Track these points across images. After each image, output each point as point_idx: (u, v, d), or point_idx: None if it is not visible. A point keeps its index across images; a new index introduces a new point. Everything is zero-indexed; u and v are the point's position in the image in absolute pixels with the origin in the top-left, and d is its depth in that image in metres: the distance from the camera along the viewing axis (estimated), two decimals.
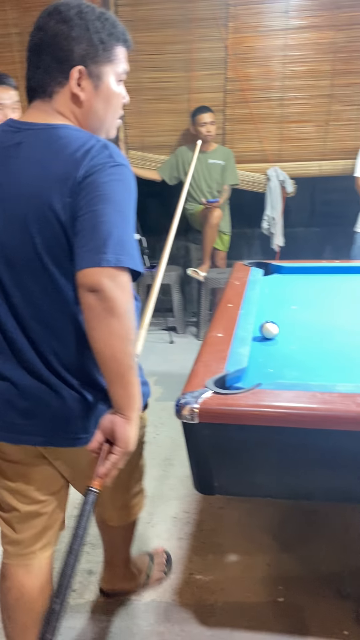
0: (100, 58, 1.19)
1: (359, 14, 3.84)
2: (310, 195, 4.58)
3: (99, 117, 1.24)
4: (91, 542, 2.14)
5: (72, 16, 1.16)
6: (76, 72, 1.17)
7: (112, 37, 1.20)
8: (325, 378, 1.51)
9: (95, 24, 1.18)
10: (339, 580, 1.88)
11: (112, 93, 1.24)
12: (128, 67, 1.27)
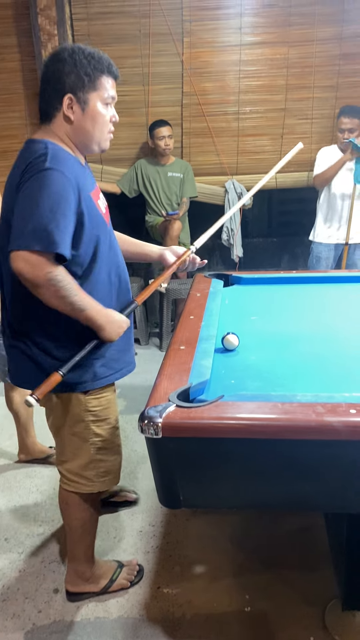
0: (87, 87, 1.55)
1: (310, 32, 3.96)
2: (268, 207, 4.68)
3: (88, 133, 1.60)
4: (57, 560, 2.11)
5: (65, 57, 1.53)
6: (67, 99, 1.54)
7: (96, 70, 1.55)
8: (286, 388, 1.55)
9: (82, 61, 1.53)
10: (304, 586, 1.91)
11: (97, 114, 1.58)
12: (114, 92, 1.63)
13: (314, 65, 4.04)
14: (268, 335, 2.05)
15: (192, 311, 2.17)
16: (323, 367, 1.72)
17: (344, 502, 1.42)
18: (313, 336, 2.01)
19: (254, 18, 3.96)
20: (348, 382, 1.58)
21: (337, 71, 4.05)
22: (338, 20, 3.94)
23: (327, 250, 3.93)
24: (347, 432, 1.27)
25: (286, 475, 1.38)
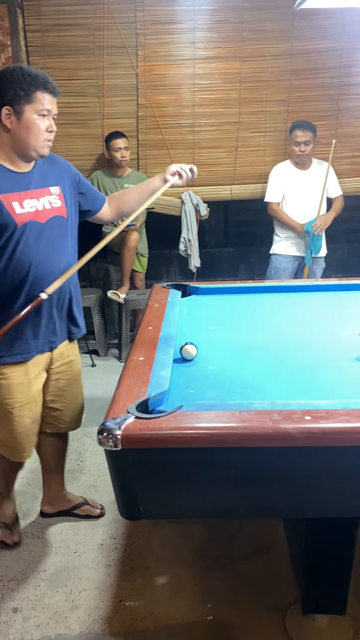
0: (22, 100, 1.79)
1: (261, 47, 4.06)
2: (224, 218, 4.75)
3: (23, 140, 1.84)
4: (16, 577, 2.07)
5: (6, 74, 1.80)
6: (5, 110, 1.81)
7: (32, 85, 1.79)
8: (243, 396, 1.57)
9: (19, 78, 1.78)
10: (265, 593, 1.93)
11: (32, 124, 1.82)
12: (51, 105, 1.84)
13: (266, 80, 4.14)
14: (226, 345, 2.08)
15: (151, 322, 2.18)
16: (280, 375, 1.76)
17: (302, 507, 1.45)
18: (270, 345, 2.05)
19: (207, 33, 4.03)
20: (304, 389, 1.62)
21: (288, 86, 4.16)
22: (288, 37, 4.05)
23: (286, 261, 4.01)
24: (302, 438, 1.30)
25: (245, 482, 1.40)
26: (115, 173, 4.13)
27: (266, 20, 4.00)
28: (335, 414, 1.35)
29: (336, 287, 2.83)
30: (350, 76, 4.16)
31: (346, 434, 1.31)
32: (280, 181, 3.94)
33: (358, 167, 4.31)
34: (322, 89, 4.17)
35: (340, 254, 4.56)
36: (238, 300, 2.71)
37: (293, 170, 3.93)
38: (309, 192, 3.90)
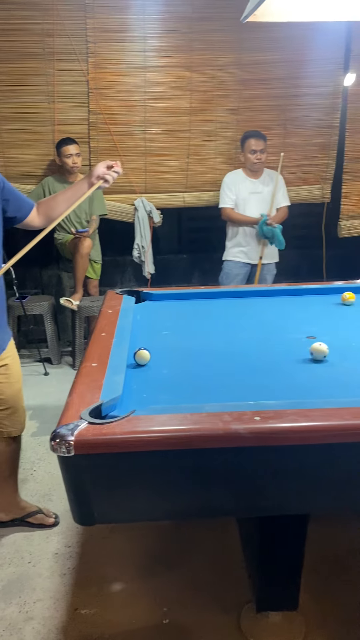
0: None
1: (211, 57, 4.14)
2: (178, 224, 4.79)
3: None
4: None
5: None
6: None
7: None
8: (196, 399, 1.60)
9: None
10: (221, 594, 1.96)
11: None
12: None
13: (216, 90, 4.22)
14: (179, 349, 2.10)
15: (104, 328, 2.18)
16: (231, 377, 1.80)
17: (254, 506, 1.49)
18: (222, 349, 2.09)
19: (157, 42, 4.08)
20: (254, 391, 1.66)
21: (237, 96, 4.25)
22: (237, 47, 4.14)
23: (237, 267, 4.09)
24: (252, 438, 1.33)
25: (199, 483, 1.42)
26: (66, 179, 4.11)
27: (215, 31, 4.08)
28: (284, 414, 1.39)
29: (286, 292, 2.91)
30: (296, 87, 4.28)
31: (294, 433, 1.35)
32: (232, 188, 4.02)
33: (305, 175, 4.44)
34: (270, 99, 4.28)
35: (291, 261, 4.67)
36: (191, 305, 2.74)
37: (245, 179, 4.03)
38: (259, 200, 4.00)
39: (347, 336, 2.16)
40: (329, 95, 4.34)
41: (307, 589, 1.85)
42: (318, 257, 4.67)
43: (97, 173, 2.10)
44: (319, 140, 4.42)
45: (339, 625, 1.84)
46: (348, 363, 1.87)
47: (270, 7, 2.15)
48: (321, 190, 4.48)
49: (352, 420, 1.37)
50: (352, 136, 4.40)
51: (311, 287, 2.94)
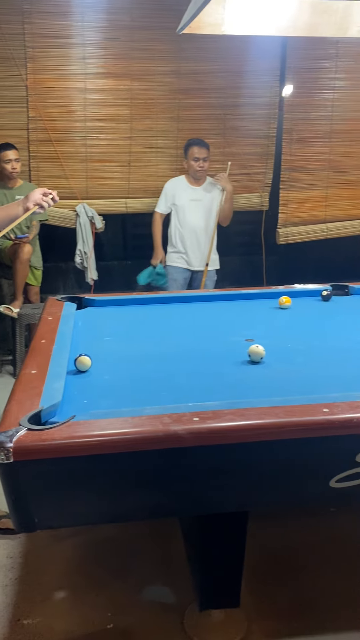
0: None
1: (150, 66, 4.19)
2: (122, 230, 4.80)
3: None
4: None
5: None
6: None
7: None
8: (137, 403, 1.61)
9: None
10: (164, 596, 1.98)
11: None
12: None
13: (156, 98, 4.27)
14: (121, 355, 2.11)
15: (44, 335, 2.17)
16: (172, 381, 1.83)
17: (195, 505, 1.52)
18: (163, 353, 2.12)
19: (97, 49, 4.09)
20: (193, 393, 1.70)
21: (177, 104, 4.32)
22: (176, 57, 4.21)
23: (177, 273, 4.16)
24: (191, 438, 1.37)
25: (140, 485, 1.44)
26: (6, 184, 4.04)
27: (154, 40, 4.13)
28: (221, 414, 1.43)
29: (226, 297, 2.98)
30: (235, 97, 4.40)
31: (231, 432, 1.39)
32: (171, 194, 4.09)
33: (245, 183, 4.55)
34: (210, 108, 4.37)
35: (233, 266, 4.77)
36: (134, 311, 2.76)
37: (186, 186, 4.10)
38: (199, 207, 4.08)
39: (282, 338, 2.23)
40: (266, 105, 4.47)
41: (249, 585, 1.90)
42: (259, 263, 4.79)
43: (34, 198, 2.14)
44: (257, 150, 4.54)
45: (279, 619, 1.89)
46: (283, 364, 1.94)
47: (205, 20, 2.22)
48: (260, 199, 4.61)
49: (285, 417, 1.42)
50: (288, 146, 4.55)
51: (250, 292, 3.02)
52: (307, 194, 4.67)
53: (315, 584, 2.05)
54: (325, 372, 1.89)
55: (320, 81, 4.48)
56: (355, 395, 1.53)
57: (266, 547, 2.20)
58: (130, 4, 4.05)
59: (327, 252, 4.81)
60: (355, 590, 2.02)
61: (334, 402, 1.49)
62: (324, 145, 4.61)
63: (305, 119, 4.53)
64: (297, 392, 1.64)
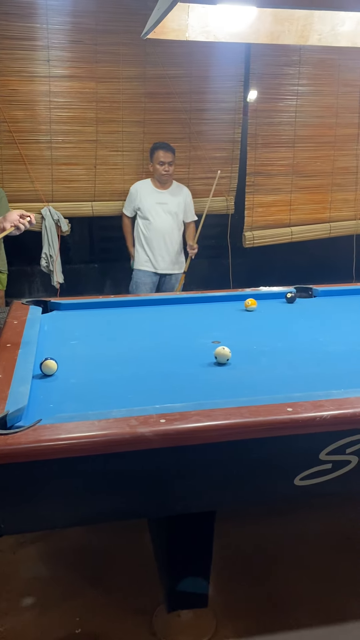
0: None
1: (116, 70, 4.19)
2: (89, 233, 4.78)
3: None
4: None
5: None
6: None
7: None
8: (104, 406, 1.61)
9: None
10: (134, 598, 1.98)
11: None
12: None
13: (122, 102, 4.27)
14: (88, 358, 2.11)
15: (9, 339, 2.15)
16: (139, 383, 1.84)
17: (164, 506, 1.53)
18: (130, 356, 2.12)
19: (62, 52, 4.07)
20: (161, 394, 1.71)
21: (143, 108, 4.33)
22: (141, 61, 4.22)
23: (145, 276, 4.16)
24: (158, 440, 1.38)
25: (108, 487, 1.45)
26: None
27: (119, 44, 4.14)
28: (188, 415, 1.45)
29: (194, 300, 3.00)
30: (200, 102, 4.43)
31: (198, 432, 1.41)
32: (136, 198, 4.10)
33: (211, 187, 4.58)
34: (175, 112, 4.40)
35: (201, 269, 4.80)
36: (101, 314, 2.75)
37: (152, 189, 4.11)
38: (165, 210, 4.10)
39: (248, 340, 2.27)
40: (231, 110, 4.52)
41: (217, 585, 1.92)
42: (225, 266, 4.84)
43: (11, 219, 2.22)
44: (222, 154, 4.59)
45: (247, 618, 1.92)
46: (249, 365, 1.97)
47: (169, 26, 2.24)
48: (225, 202, 4.65)
49: (251, 417, 1.45)
50: (253, 150, 4.61)
51: (217, 295, 3.05)
52: (272, 198, 4.74)
53: (283, 581, 2.08)
54: (289, 372, 1.92)
55: (284, 87, 4.56)
56: (317, 395, 1.57)
57: (234, 546, 2.23)
58: (96, 8, 4.04)
59: (292, 255, 4.90)
60: (322, 587, 2.06)
61: (298, 402, 1.53)
62: (288, 150, 4.69)
63: (269, 124, 4.60)
64: (262, 392, 1.67)
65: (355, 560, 2.20)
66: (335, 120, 4.72)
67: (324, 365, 1.99)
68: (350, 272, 4.86)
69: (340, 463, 1.53)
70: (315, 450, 1.50)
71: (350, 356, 2.08)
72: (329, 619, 1.91)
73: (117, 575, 2.10)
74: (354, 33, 2.60)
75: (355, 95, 4.69)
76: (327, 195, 4.86)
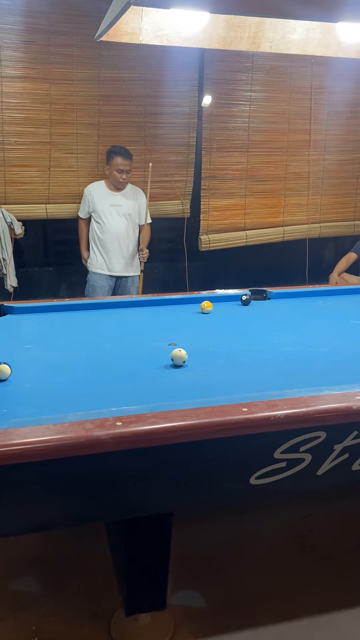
0: None
1: (70, 71, 4.15)
2: (43, 236, 4.71)
3: None
4: None
5: None
6: None
7: None
8: (59, 410, 1.59)
9: None
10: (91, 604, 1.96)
11: None
12: None
13: (76, 104, 4.23)
14: (42, 362, 2.08)
15: None
16: (95, 387, 1.83)
17: (122, 509, 1.53)
18: (86, 359, 2.11)
19: (14, 52, 4.00)
20: (117, 398, 1.70)
21: (97, 110, 4.30)
22: (95, 64, 4.19)
23: (101, 279, 4.13)
24: (114, 443, 1.37)
25: (65, 492, 1.43)
26: None
27: (73, 45, 4.10)
28: (144, 418, 1.44)
29: (150, 303, 3.00)
30: (155, 105, 4.44)
31: (154, 434, 1.41)
32: (90, 200, 4.09)
33: (166, 191, 4.60)
34: (130, 115, 4.39)
35: (157, 272, 4.81)
36: (55, 318, 2.72)
37: (106, 191, 4.10)
38: (120, 212, 4.09)
39: (204, 342, 2.29)
40: (185, 114, 4.55)
41: (175, 587, 1.92)
42: (182, 269, 4.86)
43: None
44: (178, 158, 4.61)
45: (206, 618, 1.93)
46: (205, 367, 1.99)
47: (123, 29, 2.24)
48: (181, 206, 4.68)
49: (207, 418, 1.46)
50: (208, 155, 4.65)
51: (173, 297, 3.07)
52: (226, 202, 4.80)
53: (241, 581, 2.10)
54: (244, 373, 1.95)
55: (237, 93, 4.62)
56: (272, 395, 1.60)
57: (191, 547, 2.23)
58: (49, 9, 4.00)
59: (248, 258, 4.96)
60: (280, 585, 2.09)
61: (253, 402, 1.55)
62: (242, 155, 4.75)
63: (223, 129, 4.65)
64: (218, 393, 1.68)
65: (311, 557, 2.25)
66: (288, 127, 4.81)
67: (278, 366, 2.02)
68: (303, 274, 4.96)
69: (295, 461, 1.56)
70: (270, 449, 1.52)
71: (303, 356, 2.13)
72: (288, 616, 1.94)
73: (75, 581, 2.08)
74: (304, 41, 2.68)
75: (306, 102, 4.80)
76: (280, 199, 4.95)
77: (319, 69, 4.68)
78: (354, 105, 4.94)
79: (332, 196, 5.09)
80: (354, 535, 2.38)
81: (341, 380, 1.76)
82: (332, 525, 2.45)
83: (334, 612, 1.97)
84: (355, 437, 1.59)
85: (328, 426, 1.55)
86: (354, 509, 2.54)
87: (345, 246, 4.98)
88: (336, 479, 1.67)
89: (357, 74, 4.77)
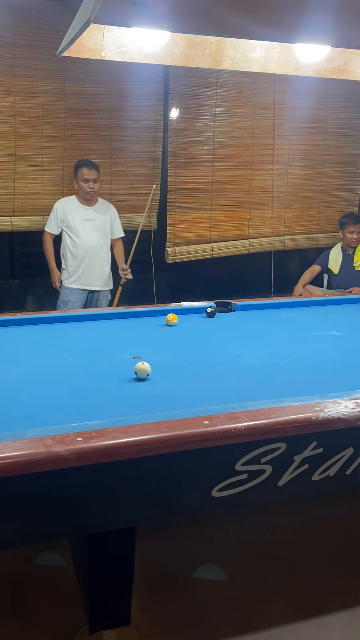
0: None
1: (34, 84, 4.15)
2: (9, 248, 4.67)
3: None
4: None
5: None
6: None
7: None
8: (18, 427, 1.57)
9: None
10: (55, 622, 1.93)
11: None
12: None
13: (41, 116, 4.23)
14: (3, 378, 2.05)
15: None
16: (56, 402, 1.81)
17: (84, 525, 1.52)
18: (48, 374, 2.09)
19: None
20: (78, 413, 1.70)
21: (63, 124, 4.30)
22: (60, 77, 4.21)
23: (73, 294, 4.12)
24: (75, 458, 1.37)
25: (25, 509, 1.42)
26: None
27: (38, 58, 4.11)
28: (105, 433, 1.44)
29: (116, 315, 3.00)
30: (120, 119, 4.47)
31: (115, 449, 1.41)
32: (62, 214, 4.07)
33: (133, 203, 4.62)
34: (96, 129, 4.40)
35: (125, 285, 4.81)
36: (19, 332, 2.69)
37: (78, 206, 4.10)
38: (93, 227, 4.10)
39: (169, 355, 2.30)
40: (151, 129, 4.59)
41: (139, 602, 1.91)
42: (149, 282, 4.87)
43: None
44: (144, 171, 4.64)
45: (171, 632, 1.92)
46: (169, 380, 2.00)
47: (85, 44, 2.26)
48: (148, 219, 4.70)
49: (168, 432, 1.47)
50: (174, 168, 4.69)
51: (139, 310, 3.07)
52: (192, 215, 4.84)
53: (206, 593, 2.11)
54: (207, 385, 1.97)
55: (202, 108, 4.68)
56: (233, 407, 1.62)
57: (155, 561, 2.22)
58: (13, 22, 4.00)
59: (214, 270, 5.01)
60: (244, 596, 2.10)
61: (214, 415, 1.56)
62: (207, 169, 4.81)
63: (189, 143, 4.71)
64: (181, 406, 1.69)
65: (274, 567, 2.26)
66: (252, 141, 4.90)
67: (241, 378, 2.05)
68: (268, 286, 5.04)
69: (256, 473, 1.58)
70: (231, 461, 1.54)
71: (265, 368, 2.16)
72: (253, 627, 1.95)
73: (38, 600, 2.04)
74: (264, 59, 2.74)
75: (269, 118, 4.90)
76: (245, 212, 5.02)
77: (281, 85, 4.80)
78: (316, 121, 5.06)
79: (295, 209, 5.19)
80: (318, 545, 2.41)
81: (301, 391, 1.79)
82: (297, 536, 2.47)
83: (299, 622, 1.99)
84: (315, 448, 1.61)
85: (288, 437, 1.57)
86: (319, 518, 2.58)
87: (310, 258, 5.08)
88: (297, 489, 1.69)
89: (319, 90, 4.90)
